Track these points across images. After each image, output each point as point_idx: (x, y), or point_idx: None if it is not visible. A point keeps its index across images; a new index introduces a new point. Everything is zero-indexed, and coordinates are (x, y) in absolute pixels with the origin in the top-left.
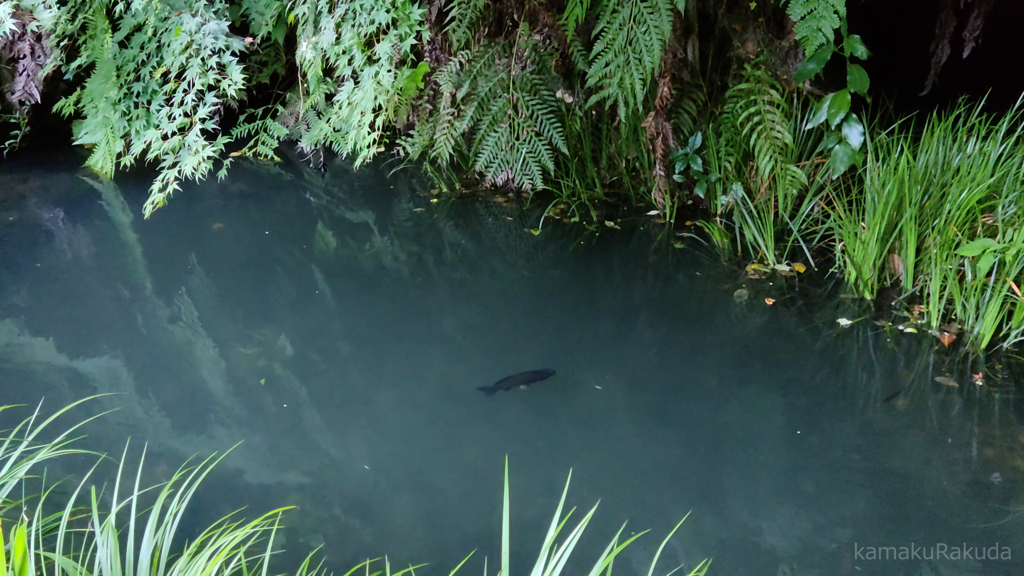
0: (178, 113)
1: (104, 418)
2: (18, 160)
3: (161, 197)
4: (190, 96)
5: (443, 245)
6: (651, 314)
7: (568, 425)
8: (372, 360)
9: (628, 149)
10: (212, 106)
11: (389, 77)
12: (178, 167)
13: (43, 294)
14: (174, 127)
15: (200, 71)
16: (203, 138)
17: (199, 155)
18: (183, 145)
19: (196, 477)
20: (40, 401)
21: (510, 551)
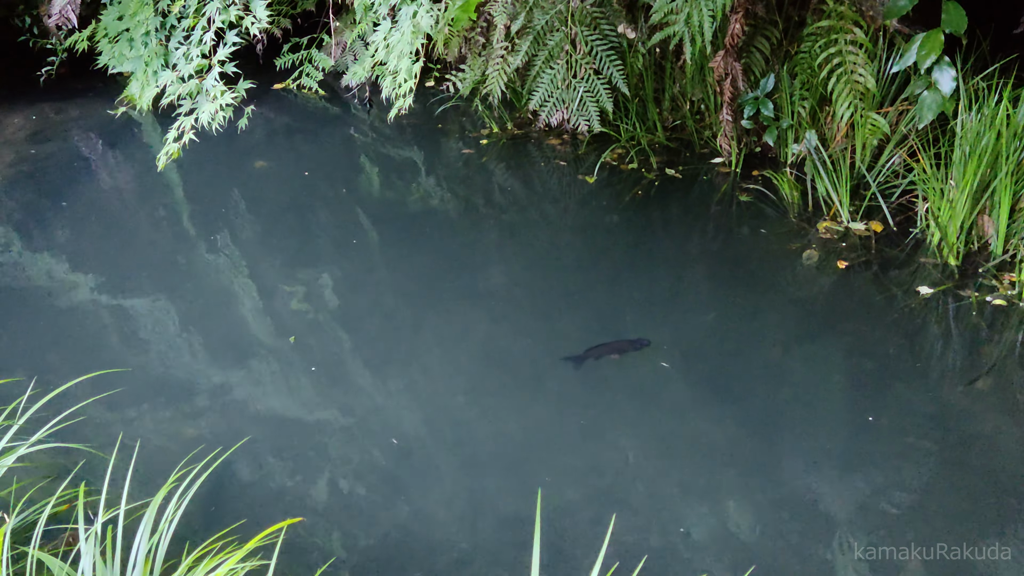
0: (196, 54)
1: (125, 377)
2: (56, 88)
3: (176, 147)
4: (209, 34)
5: (491, 191)
6: (710, 274)
7: (615, 395)
8: (411, 318)
9: (693, 90)
10: (233, 46)
11: (428, 19)
12: (195, 114)
13: (76, 232)
14: (191, 69)
15: (221, 6)
16: (222, 82)
17: (217, 102)
18: (200, 90)
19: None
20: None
21: (551, 531)
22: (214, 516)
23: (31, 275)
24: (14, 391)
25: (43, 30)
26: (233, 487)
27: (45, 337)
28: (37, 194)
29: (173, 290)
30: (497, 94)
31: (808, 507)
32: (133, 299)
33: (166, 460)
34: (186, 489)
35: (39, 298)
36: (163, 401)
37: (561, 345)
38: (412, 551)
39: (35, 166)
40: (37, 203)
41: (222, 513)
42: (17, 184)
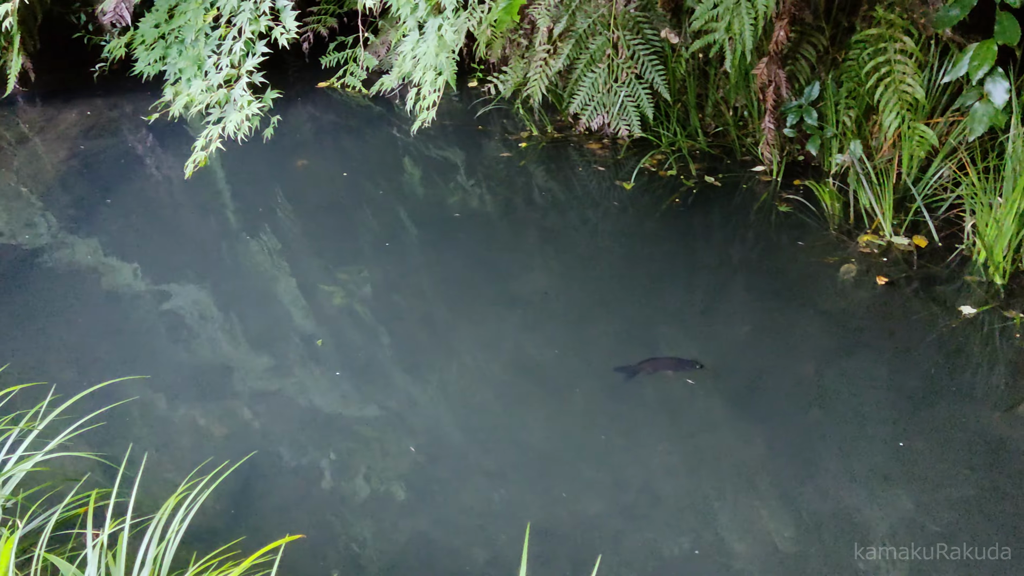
0: (225, 63)
1: (154, 380)
2: (111, 84)
3: (203, 156)
4: (239, 44)
5: (529, 195)
6: (746, 285)
7: (643, 409)
8: (444, 322)
9: (736, 96)
10: (261, 56)
11: (452, 33)
12: (222, 124)
13: (121, 227)
14: (220, 78)
15: (251, 16)
16: (249, 92)
17: (244, 111)
18: (228, 99)
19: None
20: (106, 339)
21: (572, 544)
22: (233, 524)
23: (77, 268)
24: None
25: (98, 27)
26: (258, 489)
27: (86, 329)
28: (87, 188)
29: (212, 287)
30: (538, 97)
31: (838, 528)
32: (173, 295)
33: (187, 465)
34: (198, 495)
35: (81, 290)
36: (190, 406)
37: (592, 356)
38: (432, 559)
39: (87, 161)
40: (87, 197)
41: (240, 521)
42: (69, 178)
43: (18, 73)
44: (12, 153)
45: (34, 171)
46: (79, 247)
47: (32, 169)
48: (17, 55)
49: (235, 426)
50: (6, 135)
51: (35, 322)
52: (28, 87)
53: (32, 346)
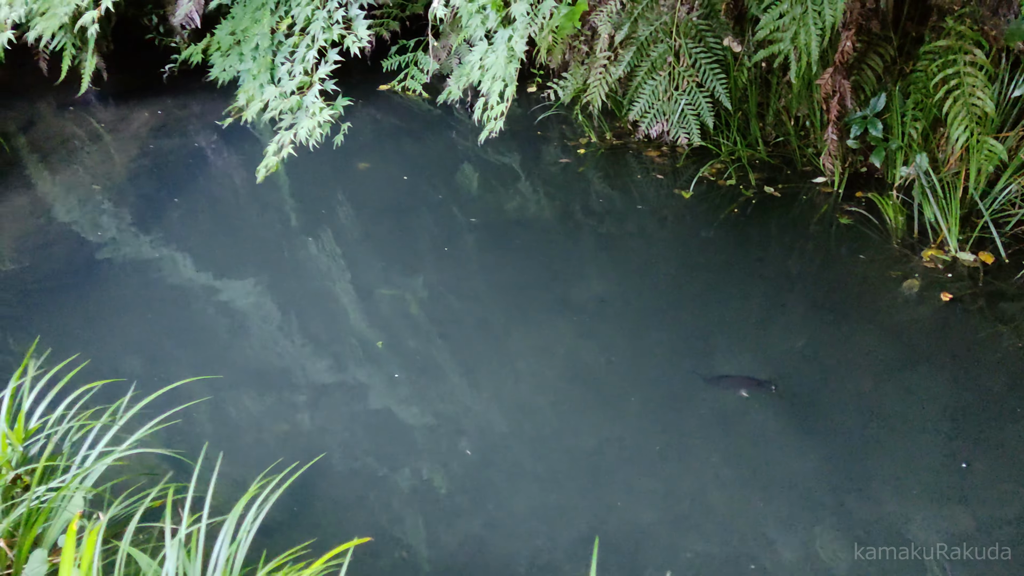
0: (299, 71)
1: (219, 379)
2: (180, 85)
3: (275, 161)
4: (312, 52)
5: (587, 202)
6: (804, 297)
7: (697, 420)
8: (500, 327)
9: (799, 106)
10: (334, 64)
11: (522, 44)
12: (294, 130)
13: (187, 226)
14: (294, 85)
15: (324, 25)
16: (321, 99)
17: (315, 118)
18: (300, 106)
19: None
20: (171, 337)
21: (625, 553)
22: (295, 522)
23: (146, 267)
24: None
25: (168, 29)
26: (315, 492)
27: (155, 327)
28: (156, 187)
29: (273, 287)
30: (598, 103)
31: (894, 546)
32: (238, 294)
33: (255, 463)
34: (268, 496)
35: (149, 288)
36: (255, 405)
37: (647, 364)
38: (486, 563)
39: (156, 160)
40: (156, 196)
41: (302, 519)
42: (139, 177)
43: (92, 73)
44: (85, 151)
45: (106, 169)
46: (148, 245)
47: (104, 168)
48: (92, 56)
49: (298, 426)
50: (80, 133)
51: (107, 319)
52: (101, 87)
53: (105, 343)
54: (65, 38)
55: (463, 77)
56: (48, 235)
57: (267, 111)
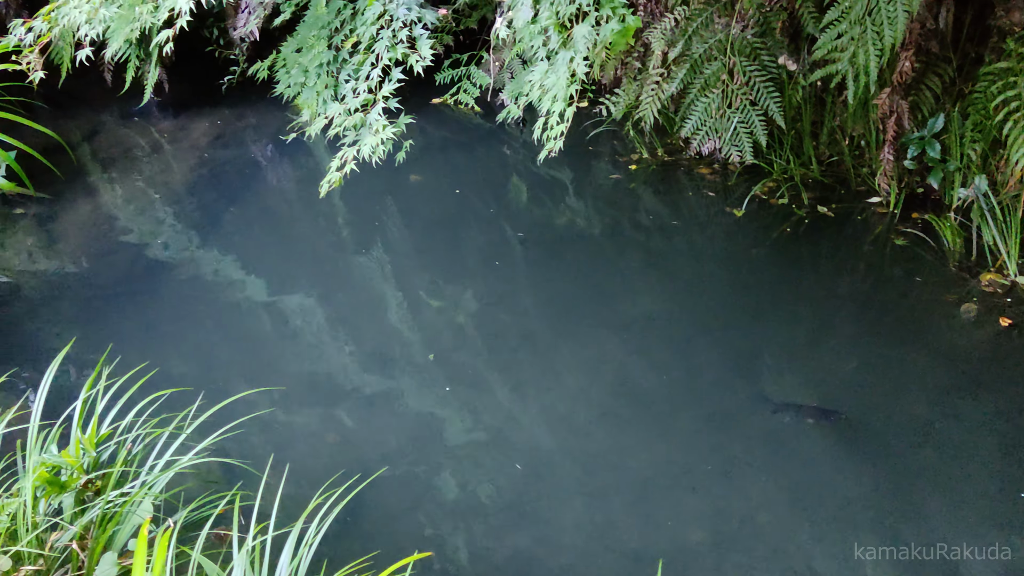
0: (363, 88)
1: (277, 389)
2: (237, 96)
3: (338, 176)
4: (376, 71)
5: (637, 219)
6: (856, 320)
7: (746, 441)
8: (549, 342)
9: (854, 125)
10: (397, 82)
11: (584, 67)
12: (357, 147)
13: (243, 236)
14: (358, 103)
15: (389, 44)
16: (384, 117)
17: (379, 135)
18: (364, 123)
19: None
20: (227, 346)
21: (673, 572)
22: (348, 532)
23: (202, 276)
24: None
25: (228, 41)
26: (366, 502)
27: (212, 336)
28: (214, 197)
29: (326, 298)
30: (650, 120)
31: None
32: (289, 304)
33: (309, 473)
34: (328, 511)
35: (206, 297)
36: (311, 416)
37: (695, 383)
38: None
39: (213, 170)
40: (213, 206)
41: (354, 530)
42: (198, 186)
43: (154, 84)
44: (146, 160)
45: (165, 179)
46: (205, 254)
47: (164, 177)
48: (155, 67)
49: (350, 437)
50: (141, 143)
51: (165, 327)
52: (162, 97)
53: (163, 350)
54: (130, 50)
55: (523, 97)
56: (110, 243)
57: (331, 128)
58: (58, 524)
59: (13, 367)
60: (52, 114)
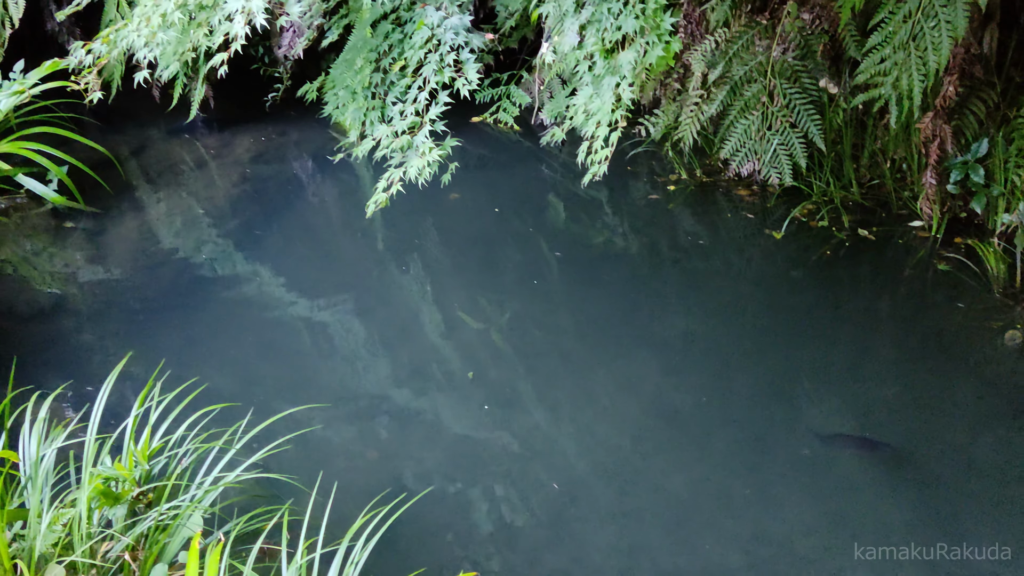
0: (410, 111)
1: (315, 415)
2: (280, 113)
3: (384, 197)
4: (424, 94)
5: (675, 238)
6: (897, 345)
7: (784, 464)
8: (586, 361)
9: (896, 148)
10: (444, 105)
11: (629, 92)
12: (403, 168)
13: (284, 251)
14: (405, 125)
15: (436, 67)
16: (431, 140)
17: (425, 157)
18: (411, 145)
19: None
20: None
21: None
22: (387, 548)
23: (244, 291)
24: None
25: (273, 59)
26: (404, 518)
27: (249, 348)
28: (256, 212)
29: (366, 314)
30: (689, 140)
31: None
32: (330, 321)
33: (348, 488)
34: (374, 530)
35: (248, 311)
36: (352, 432)
37: (733, 405)
38: None
39: (256, 186)
40: (254, 221)
41: (393, 546)
42: (241, 202)
43: (200, 100)
44: (191, 175)
45: (210, 194)
46: (247, 269)
47: (208, 192)
48: (201, 85)
49: (389, 453)
50: (187, 158)
51: (207, 340)
52: (207, 113)
53: (205, 363)
54: (178, 68)
55: (567, 120)
56: (156, 256)
57: (378, 149)
58: (111, 535)
59: (67, 380)
60: (102, 130)
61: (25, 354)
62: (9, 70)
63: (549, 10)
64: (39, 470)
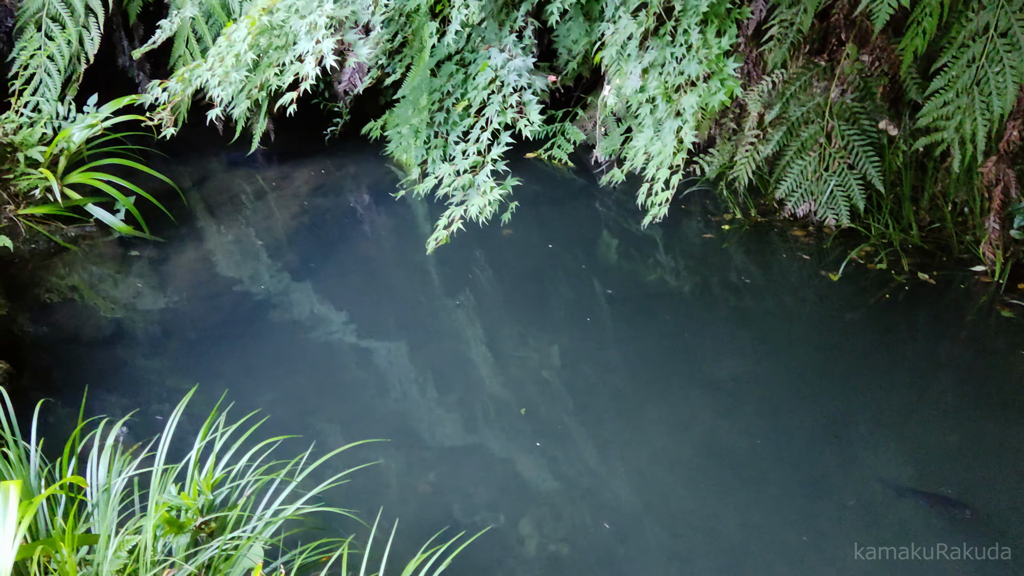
0: (473, 150)
1: (377, 442)
2: (338, 147)
3: (445, 235)
4: (486, 134)
5: (729, 278)
6: (957, 391)
7: (840, 509)
8: (637, 399)
9: (957, 191)
10: (506, 146)
11: (691, 136)
12: (464, 207)
13: (339, 283)
14: (467, 164)
15: (499, 108)
16: (492, 179)
17: (486, 196)
18: (472, 184)
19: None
20: (324, 393)
21: None
22: None
23: (301, 322)
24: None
25: (333, 94)
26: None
27: (305, 378)
28: (313, 245)
29: (420, 348)
30: (744, 180)
31: None
32: (384, 353)
33: (401, 526)
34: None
35: (304, 342)
36: (404, 465)
37: (787, 448)
38: None
39: (314, 218)
40: (311, 253)
41: None
42: (298, 233)
43: (262, 133)
44: (251, 206)
45: (268, 225)
46: (303, 300)
47: (267, 223)
48: (263, 118)
49: (441, 488)
50: (247, 190)
51: (265, 370)
52: (268, 146)
53: (262, 393)
54: (248, 105)
55: (627, 162)
56: (216, 286)
57: (440, 187)
58: (174, 563)
59: (132, 406)
60: (167, 160)
61: (92, 380)
62: (82, 103)
63: (612, 53)
64: (107, 496)
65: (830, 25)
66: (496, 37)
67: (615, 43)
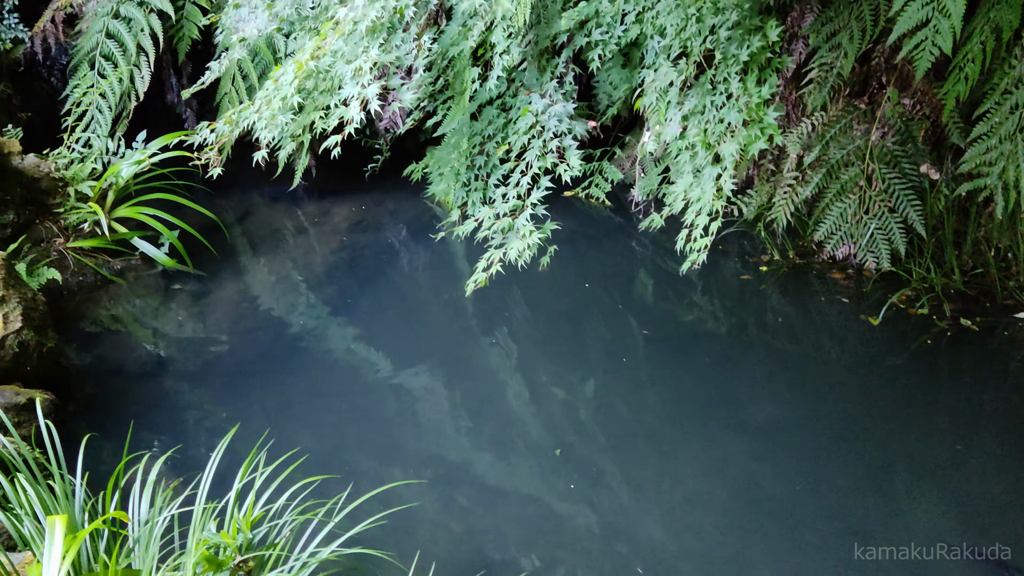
0: (512, 194)
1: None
2: (377, 183)
3: (484, 277)
4: (526, 178)
5: (766, 321)
6: (1002, 440)
7: (881, 560)
8: (672, 442)
9: (1000, 236)
10: (545, 190)
11: (730, 184)
12: (503, 250)
13: (375, 319)
14: (507, 208)
15: (539, 153)
16: (531, 223)
17: (526, 240)
18: (512, 227)
19: None
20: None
21: None
22: None
23: (337, 356)
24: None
25: (373, 132)
26: None
27: (341, 415)
28: (351, 280)
29: (455, 386)
30: (782, 222)
31: None
32: (420, 391)
33: (437, 566)
34: None
35: (340, 378)
36: (438, 504)
37: (827, 496)
38: None
39: (352, 254)
40: (349, 289)
41: None
42: (337, 268)
43: (303, 169)
44: (291, 242)
45: (308, 260)
46: (340, 336)
47: (307, 258)
48: (305, 155)
49: (478, 529)
50: (288, 224)
51: (300, 404)
52: (309, 182)
53: (297, 429)
54: (292, 147)
55: (666, 207)
56: (255, 320)
57: (480, 230)
58: None
59: (173, 441)
60: (210, 195)
61: (135, 413)
62: (131, 139)
63: (652, 100)
64: (148, 532)
65: (871, 69)
66: (537, 82)
67: (655, 90)
